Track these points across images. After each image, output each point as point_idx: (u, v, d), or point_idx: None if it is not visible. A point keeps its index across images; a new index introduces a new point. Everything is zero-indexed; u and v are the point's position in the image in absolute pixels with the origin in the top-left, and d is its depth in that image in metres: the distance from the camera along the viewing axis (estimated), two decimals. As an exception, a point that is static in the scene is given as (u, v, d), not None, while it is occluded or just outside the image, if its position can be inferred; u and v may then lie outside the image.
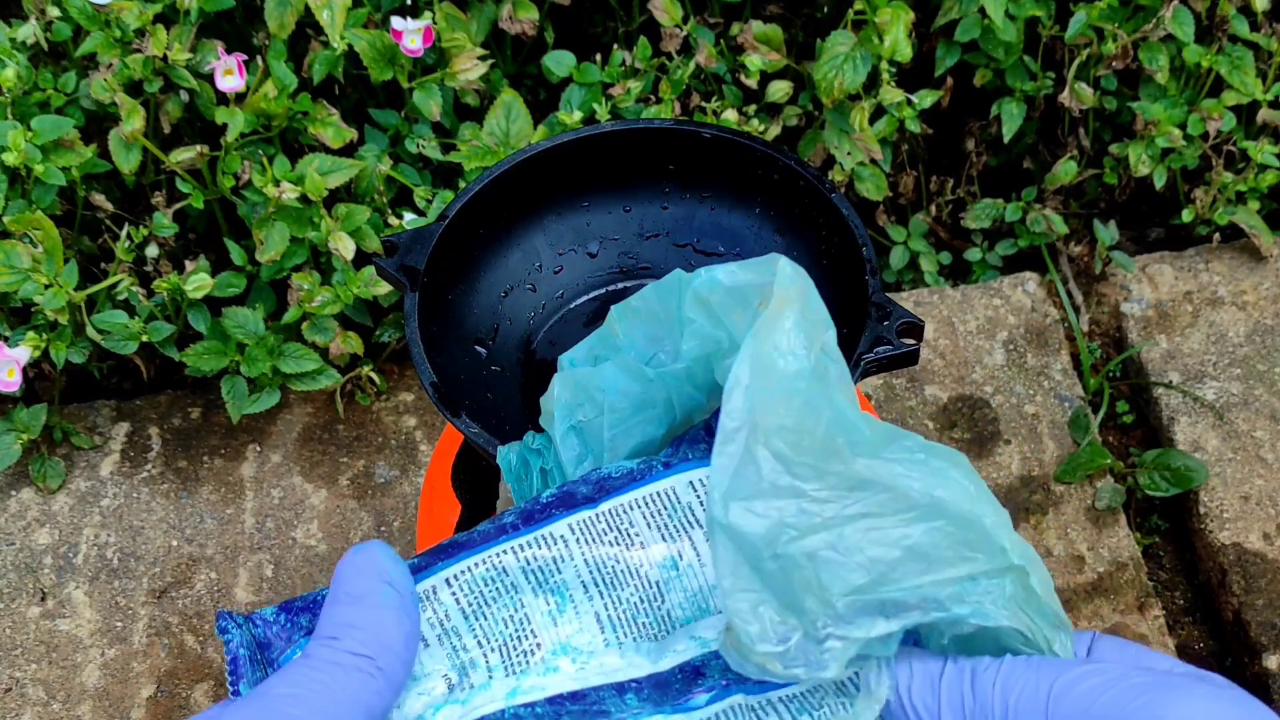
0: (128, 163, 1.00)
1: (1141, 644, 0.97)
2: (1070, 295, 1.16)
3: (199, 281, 1.00)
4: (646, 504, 0.47)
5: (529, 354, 0.62)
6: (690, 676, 0.45)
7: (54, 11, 1.03)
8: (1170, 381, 1.09)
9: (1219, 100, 1.10)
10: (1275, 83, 1.12)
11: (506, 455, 0.49)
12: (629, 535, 0.47)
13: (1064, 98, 1.11)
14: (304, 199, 0.99)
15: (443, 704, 0.45)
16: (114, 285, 1.02)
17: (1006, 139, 1.13)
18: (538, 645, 0.46)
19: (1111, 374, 1.11)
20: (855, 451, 0.44)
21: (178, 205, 1.05)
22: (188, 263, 1.05)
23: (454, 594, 0.45)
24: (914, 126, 1.09)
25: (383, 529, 1.04)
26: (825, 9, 1.17)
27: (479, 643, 0.45)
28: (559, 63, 1.10)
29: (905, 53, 1.03)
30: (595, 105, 1.07)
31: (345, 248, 0.99)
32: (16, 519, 1.05)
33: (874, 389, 1.09)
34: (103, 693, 0.97)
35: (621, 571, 0.46)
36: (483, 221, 0.63)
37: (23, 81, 1.02)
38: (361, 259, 1.01)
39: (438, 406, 0.55)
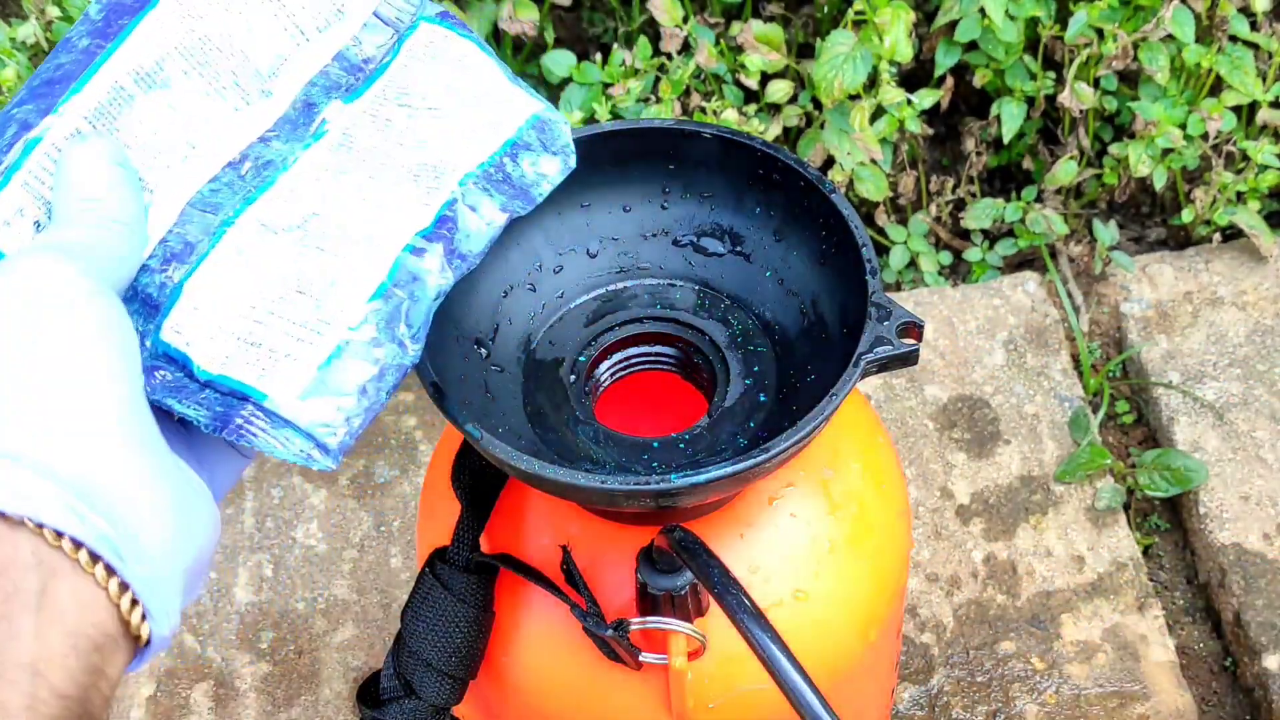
0: (128, 162, 1.00)
1: (1141, 646, 0.97)
2: (1070, 295, 1.16)
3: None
4: None
5: (529, 354, 0.62)
6: (306, 110, 0.52)
7: (54, 11, 1.03)
8: (1170, 381, 1.09)
9: (1219, 100, 1.10)
10: (1275, 83, 1.12)
11: None
12: (196, 16, 0.52)
13: (1064, 98, 1.11)
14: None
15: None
16: (114, 285, 1.02)
17: (1006, 139, 1.13)
18: (187, 138, 0.50)
19: (1111, 374, 1.11)
20: None
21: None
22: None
23: (95, 129, 0.50)
24: (914, 126, 1.09)
25: (382, 528, 1.04)
26: (825, 9, 1.17)
27: (148, 161, 0.50)
28: (559, 63, 1.10)
29: (905, 53, 1.03)
30: (595, 105, 1.07)
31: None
32: (16, 519, 1.05)
33: (874, 389, 1.10)
34: (102, 693, 0.97)
35: (211, 49, 0.52)
36: (483, 221, 0.63)
37: (23, 81, 1.02)
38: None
39: (438, 406, 0.55)
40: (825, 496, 0.65)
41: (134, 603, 0.40)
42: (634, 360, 0.64)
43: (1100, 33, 1.09)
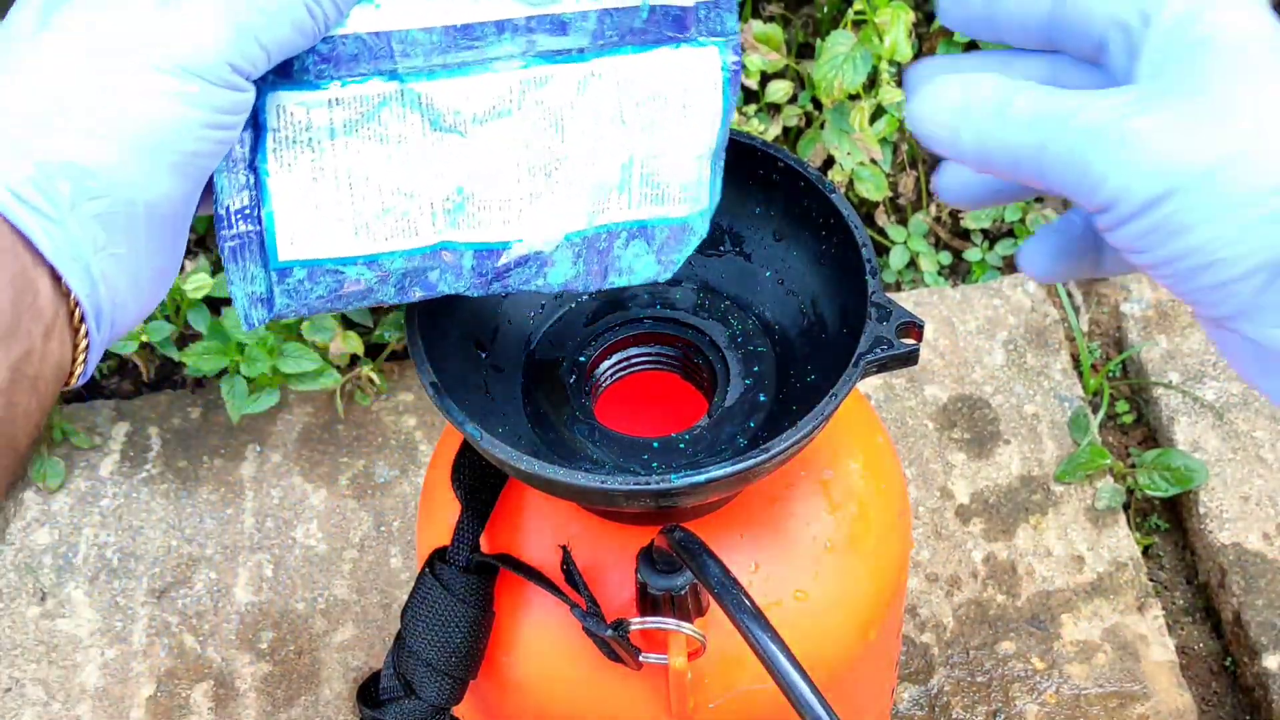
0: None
1: (1139, 641, 0.97)
2: (1070, 295, 1.16)
3: (198, 282, 1.00)
4: None
5: (529, 354, 0.62)
6: (558, 27, 0.47)
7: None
8: (1170, 381, 1.09)
9: (1219, 100, 1.10)
10: (1275, 83, 1.12)
11: None
12: None
13: (1064, 98, 1.11)
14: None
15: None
16: (114, 285, 1.02)
17: (1006, 139, 1.13)
18: None
19: (1111, 374, 1.11)
20: None
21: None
22: (187, 263, 1.05)
23: None
24: (914, 126, 1.09)
25: (382, 529, 1.04)
26: (825, 9, 1.17)
27: None
28: (559, 63, 1.10)
29: (905, 53, 1.03)
30: (595, 105, 1.07)
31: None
32: (16, 519, 1.05)
33: (874, 389, 1.10)
34: (102, 693, 0.97)
35: None
36: (483, 221, 0.63)
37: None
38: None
39: (438, 406, 0.55)
40: (825, 496, 0.65)
41: (84, 360, 0.44)
42: (634, 360, 0.64)
43: (1100, 33, 1.09)
